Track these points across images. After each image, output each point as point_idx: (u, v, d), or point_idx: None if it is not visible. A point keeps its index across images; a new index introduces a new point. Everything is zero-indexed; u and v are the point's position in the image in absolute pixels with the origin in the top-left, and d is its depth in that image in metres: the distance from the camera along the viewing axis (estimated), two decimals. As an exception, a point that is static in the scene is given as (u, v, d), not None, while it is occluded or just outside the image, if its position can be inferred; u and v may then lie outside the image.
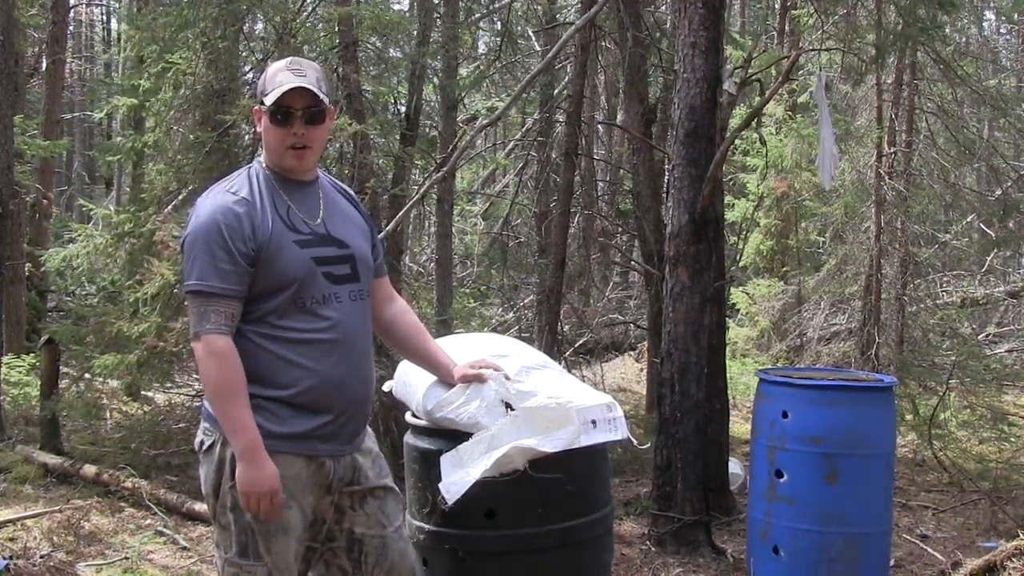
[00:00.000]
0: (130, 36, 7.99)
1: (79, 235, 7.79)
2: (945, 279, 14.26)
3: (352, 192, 3.17)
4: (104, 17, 30.10)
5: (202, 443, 2.83)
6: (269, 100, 2.80)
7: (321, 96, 2.84)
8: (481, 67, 12.40)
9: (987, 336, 14.03)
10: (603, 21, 9.01)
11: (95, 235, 7.65)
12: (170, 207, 7.56)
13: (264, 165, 2.91)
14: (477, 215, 17.25)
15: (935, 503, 7.03)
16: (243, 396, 2.70)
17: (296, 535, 2.80)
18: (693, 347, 5.75)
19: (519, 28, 13.12)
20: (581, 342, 12.35)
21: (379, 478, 2.99)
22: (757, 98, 8.32)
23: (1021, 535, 4.61)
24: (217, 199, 2.79)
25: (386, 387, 3.59)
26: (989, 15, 21.31)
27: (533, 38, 13.49)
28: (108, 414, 8.18)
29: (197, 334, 2.71)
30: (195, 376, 9.50)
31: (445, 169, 7.55)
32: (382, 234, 5.90)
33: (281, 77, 2.83)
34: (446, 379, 3.16)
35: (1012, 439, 8.60)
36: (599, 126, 16.08)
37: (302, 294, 2.77)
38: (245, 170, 2.91)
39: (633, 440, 3.33)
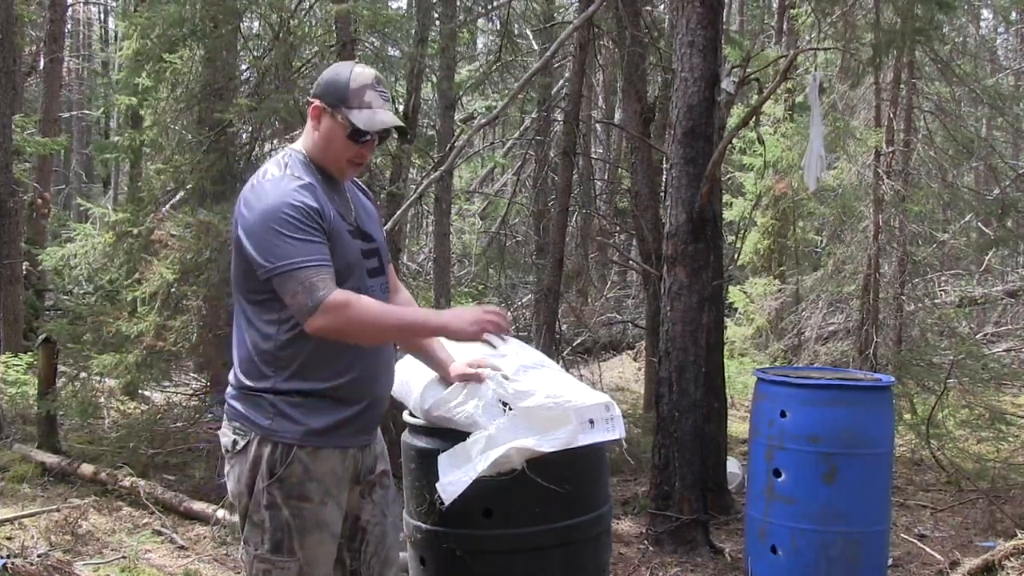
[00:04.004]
0: (127, 34, 7.98)
1: (77, 234, 7.78)
2: (943, 278, 14.28)
3: (359, 182, 3.17)
4: (101, 15, 30.07)
5: (235, 443, 2.80)
6: (358, 122, 2.79)
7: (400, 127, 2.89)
8: (481, 67, 12.41)
9: (985, 335, 14.05)
10: (601, 20, 9.01)
11: (93, 235, 7.64)
12: (167, 206, 7.56)
13: (307, 156, 2.88)
14: (475, 214, 17.25)
15: (933, 502, 7.03)
16: (395, 309, 2.82)
17: (331, 531, 2.81)
18: (691, 346, 5.75)
19: (517, 27, 13.10)
20: (579, 341, 12.37)
21: (384, 465, 3.03)
22: (755, 97, 8.32)
23: (1019, 534, 4.62)
24: (283, 183, 2.75)
25: (384, 386, 3.58)
26: (987, 14, 21.32)
27: (531, 37, 13.49)
28: (106, 413, 8.18)
29: (316, 304, 2.63)
30: (192, 375, 9.52)
31: (443, 168, 7.55)
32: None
33: (370, 97, 2.81)
34: (444, 376, 3.17)
35: (1010, 438, 8.61)
36: (597, 125, 16.09)
37: (349, 285, 2.77)
38: (290, 157, 2.86)
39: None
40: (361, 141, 2.83)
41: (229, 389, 2.86)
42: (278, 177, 2.78)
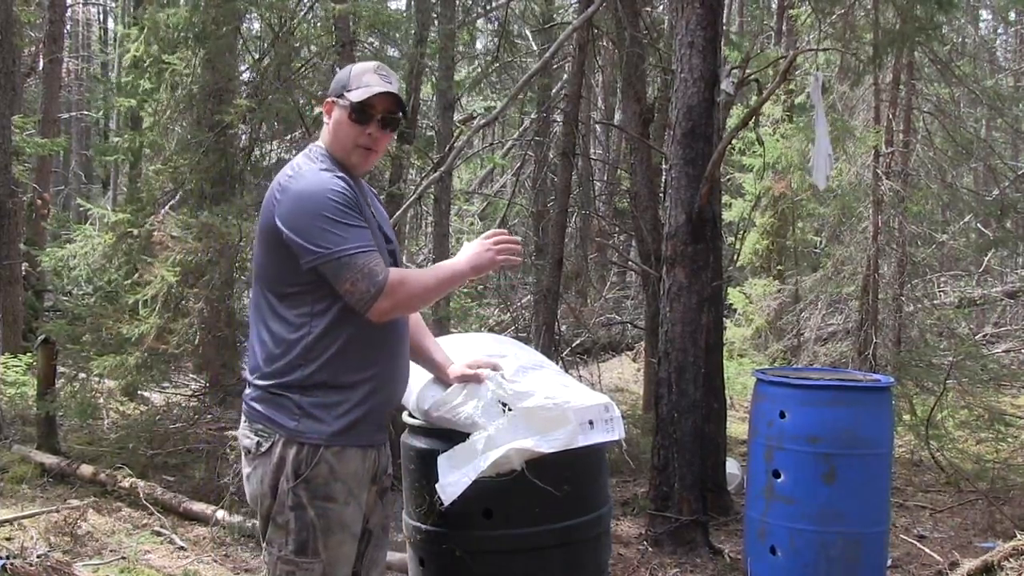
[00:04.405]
0: (126, 35, 7.98)
1: (78, 235, 7.78)
2: (942, 279, 14.29)
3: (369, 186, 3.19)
4: (100, 16, 30.10)
5: (258, 444, 2.79)
6: (354, 97, 2.84)
7: (402, 105, 2.93)
8: (479, 67, 12.41)
9: (984, 336, 14.06)
10: (600, 21, 9.01)
11: (94, 235, 7.64)
12: (167, 207, 7.55)
13: (329, 152, 2.91)
14: (474, 215, 17.25)
15: (932, 503, 7.03)
16: (432, 270, 2.91)
17: (352, 532, 2.83)
18: (690, 347, 5.75)
19: (516, 28, 13.11)
20: (578, 342, 12.36)
21: (391, 467, 3.06)
22: (755, 98, 8.33)
23: (1018, 535, 4.62)
24: (321, 175, 2.78)
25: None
26: (986, 15, 21.35)
27: (530, 38, 13.50)
28: (105, 414, 8.18)
29: (380, 288, 2.67)
30: (191, 376, 9.51)
31: (442, 169, 7.55)
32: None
33: (368, 79, 2.88)
34: (442, 377, 3.17)
35: (1009, 439, 8.61)
36: (597, 126, 16.09)
37: None
38: (316, 152, 2.90)
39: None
40: (364, 121, 2.85)
41: (249, 390, 2.85)
42: (315, 168, 2.81)
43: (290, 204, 2.72)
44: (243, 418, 2.87)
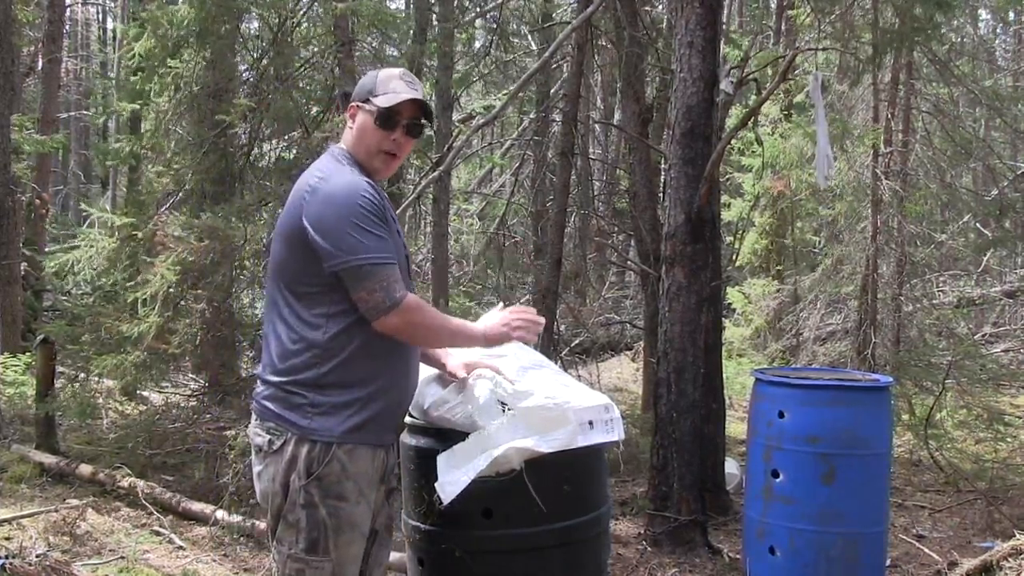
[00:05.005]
0: (126, 32, 7.97)
1: (81, 240, 7.76)
2: (941, 279, 14.29)
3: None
4: (100, 16, 30.10)
5: (270, 443, 2.81)
6: (381, 103, 2.87)
7: (428, 112, 2.96)
8: (473, 65, 12.42)
9: (983, 336, 14.06)
10: (600, 20, 9.02)
11: (98, 239, 7.62)
12: (167, 207, 7.55)
13: (351, 156, 2.92)
14: (473, 214, 17.27)
15: (931, 503, 7.03)
16: (448, 319, 2.94)
17: (361, 531, 2.85)
18: (689, 347, 5.75)
19: (515, 27, 13.12)
20: (577, 342, 12.37)
21: (397, 467, 3.07)
22: (754, 98, 8.33)
23: (1017, 535, 4.62)
24: (352, 179, 2.79)
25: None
26: (985, 14, 21.36)
27: (529, 37, 13.50)
28: (104, 413, 8.17)
29: (395, 303, 2.71)
30: (191, 376, 9.50)
31: (441, 168, 7.56)
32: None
33: (395, 85, 2.91)
34: (440, 368, 3.19)
35: (1008, 439, 8.61)
36: (596, 126, 16.10)
37: None
38: (340, 154, 2.92)
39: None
40: (390, 127, 2.88)
41: (261, 387, 2.86)
42: (345, 170, 2.83)
43: (319, 206, 2.74)
44: (254, 416, 2.88)
